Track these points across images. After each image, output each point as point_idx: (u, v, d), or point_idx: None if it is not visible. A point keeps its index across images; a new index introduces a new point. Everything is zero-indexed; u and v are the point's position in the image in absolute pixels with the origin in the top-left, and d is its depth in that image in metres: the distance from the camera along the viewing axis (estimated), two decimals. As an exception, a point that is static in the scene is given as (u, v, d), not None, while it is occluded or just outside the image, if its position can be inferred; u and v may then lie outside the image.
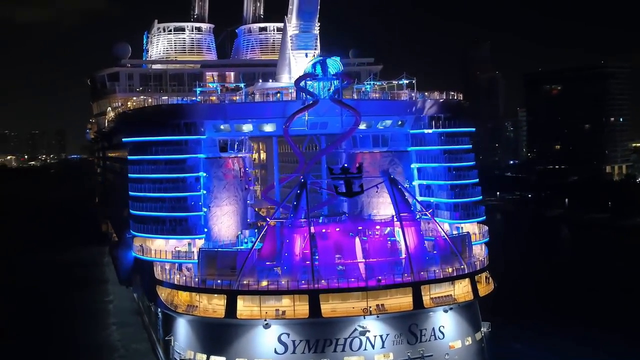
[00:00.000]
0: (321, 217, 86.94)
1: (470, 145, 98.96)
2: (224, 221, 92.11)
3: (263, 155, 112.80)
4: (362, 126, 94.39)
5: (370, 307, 78.49)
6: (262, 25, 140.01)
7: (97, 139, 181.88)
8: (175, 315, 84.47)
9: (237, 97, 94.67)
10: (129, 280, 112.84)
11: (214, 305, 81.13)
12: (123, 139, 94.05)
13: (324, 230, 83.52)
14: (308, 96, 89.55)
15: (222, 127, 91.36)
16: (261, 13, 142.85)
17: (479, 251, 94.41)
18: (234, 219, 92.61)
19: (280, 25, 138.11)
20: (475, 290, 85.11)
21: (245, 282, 79.02)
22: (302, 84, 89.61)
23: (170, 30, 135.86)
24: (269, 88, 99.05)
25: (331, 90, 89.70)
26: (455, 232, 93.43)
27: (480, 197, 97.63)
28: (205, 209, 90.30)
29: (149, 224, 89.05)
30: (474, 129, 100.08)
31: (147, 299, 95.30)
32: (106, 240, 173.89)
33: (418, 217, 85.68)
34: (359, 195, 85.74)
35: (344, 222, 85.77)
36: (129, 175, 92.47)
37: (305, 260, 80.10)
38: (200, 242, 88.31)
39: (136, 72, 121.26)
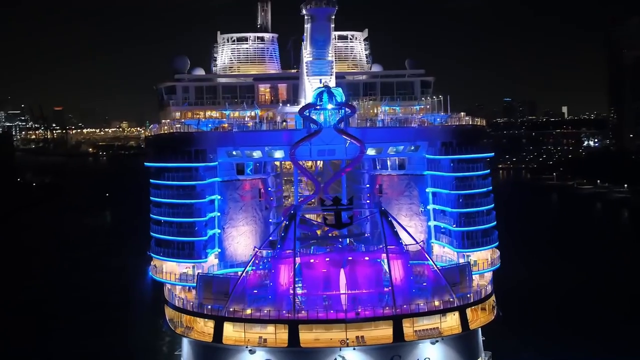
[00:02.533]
0: (312, 248, 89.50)
1: (487, 170, 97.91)
2: (241, 241, 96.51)
3: (320, 163, 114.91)
4: (372, 152, 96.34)
5: (348, 338, 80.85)
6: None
7: None
8: (176, 334, 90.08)
9: (251, 123, 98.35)
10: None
11: (209, 328, 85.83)
12: (145, 163, 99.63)
13: (312, 261, 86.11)
14: (312, 125, 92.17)
15: (234, 152, 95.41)
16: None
17: (489, 278, 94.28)
18: (252, 239, 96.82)
19: (342, 33, 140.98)
20: (464, 323, 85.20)
21: (232, 309, 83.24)
22: (306, 112, 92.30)
23: (234, 41, 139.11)
24: (289, 112, 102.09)
25: (336, 119, 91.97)
26: (462, 260, 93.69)
27: (494, 223, 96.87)
28: (219, 230, 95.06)
29: (161, 246, 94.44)
30: (491, 154, 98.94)
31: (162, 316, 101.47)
32: None
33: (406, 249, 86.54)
34: (348, 226, 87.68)
35: (332, 252, 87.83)
36: (150, 198, 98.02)
37: (295, 289, 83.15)
38: (209, 264, 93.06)
39: (191, 85, 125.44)
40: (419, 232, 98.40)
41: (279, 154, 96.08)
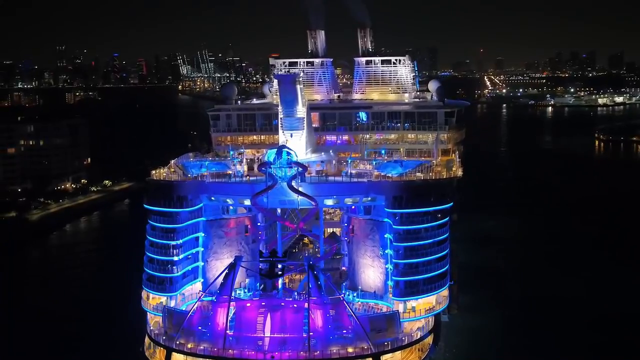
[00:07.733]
0: (251, 292, 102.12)
1: (442, 220, 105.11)
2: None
3: None
4: (330, 202, 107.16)
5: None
6: (369, 58, 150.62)
7: None
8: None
9: (229, 172, 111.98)
10: None
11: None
12: (144, 205, 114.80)
13: (247, 305, 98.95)
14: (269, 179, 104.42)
15: (212, 198, 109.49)
16: (369, 47, 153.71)
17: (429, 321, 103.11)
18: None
19: (386, 58, 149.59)
20: None
21: (178, 341, 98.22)
22: (263, 169, 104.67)
23: (286, 65, 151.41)
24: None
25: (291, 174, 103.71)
26: (401, 306, 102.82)
27: (446, 267, 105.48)
28: (202, 263, 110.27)
29: (147, 279, 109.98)
30: (449, 205, 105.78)
31: None
32: None
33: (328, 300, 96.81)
34: (278, 277, 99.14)
35: (263, 299, 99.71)
36: (147, 236, 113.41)
37: (226, 330, 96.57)
38: (193, 291, 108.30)
39: (233, 113, 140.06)
40: (380, 273, 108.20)
41: (247, 201, 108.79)
